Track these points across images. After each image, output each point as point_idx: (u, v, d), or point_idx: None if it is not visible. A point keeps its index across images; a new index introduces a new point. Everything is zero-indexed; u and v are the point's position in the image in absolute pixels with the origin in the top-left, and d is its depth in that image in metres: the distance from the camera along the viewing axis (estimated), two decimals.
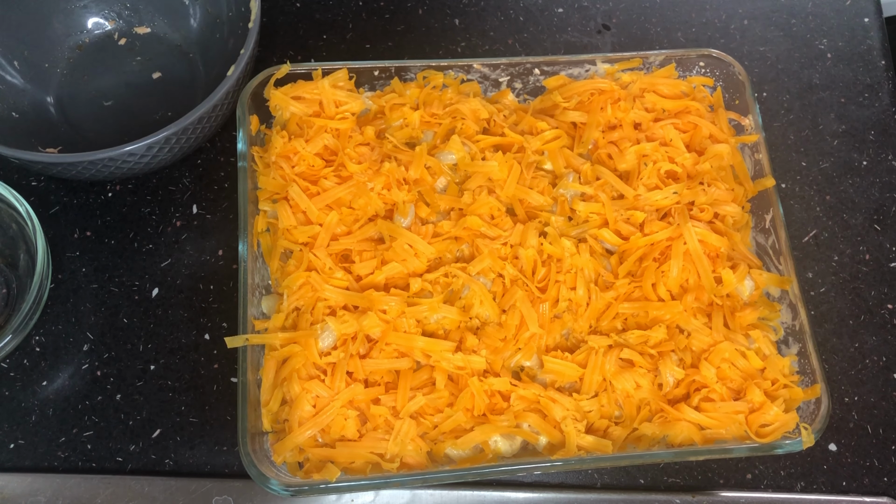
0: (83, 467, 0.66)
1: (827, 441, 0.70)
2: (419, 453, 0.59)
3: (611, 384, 0.62)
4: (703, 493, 0.67)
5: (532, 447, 0.61)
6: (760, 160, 0.71)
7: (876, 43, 0.88)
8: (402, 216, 0.67)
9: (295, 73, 0.70)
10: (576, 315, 0.64)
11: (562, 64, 0.74)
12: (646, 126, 0.72)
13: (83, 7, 0.81)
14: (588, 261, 0.65)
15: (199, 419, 0.68)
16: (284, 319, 0.63)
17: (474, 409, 0.60)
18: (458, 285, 0.64)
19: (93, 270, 0.73)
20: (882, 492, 0.69)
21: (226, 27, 0.78)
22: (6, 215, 0.69)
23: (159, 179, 0.77)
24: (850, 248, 0.78)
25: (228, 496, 0.65)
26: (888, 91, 0.86)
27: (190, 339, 0.71)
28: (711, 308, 0.65)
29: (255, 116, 0.69)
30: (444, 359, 0.61)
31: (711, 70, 0.74)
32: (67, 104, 0.79)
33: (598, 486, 0.67)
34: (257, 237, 0.65)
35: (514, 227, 0.67)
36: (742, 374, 0.63)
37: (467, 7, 0.89)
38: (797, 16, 0.90)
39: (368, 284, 0.64)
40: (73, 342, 0.70)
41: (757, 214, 0.70)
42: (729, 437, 0.61)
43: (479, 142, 0.70)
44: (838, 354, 0.73)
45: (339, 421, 0.59)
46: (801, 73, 0.87)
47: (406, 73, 0.73)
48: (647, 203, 0.68)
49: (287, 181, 0.66)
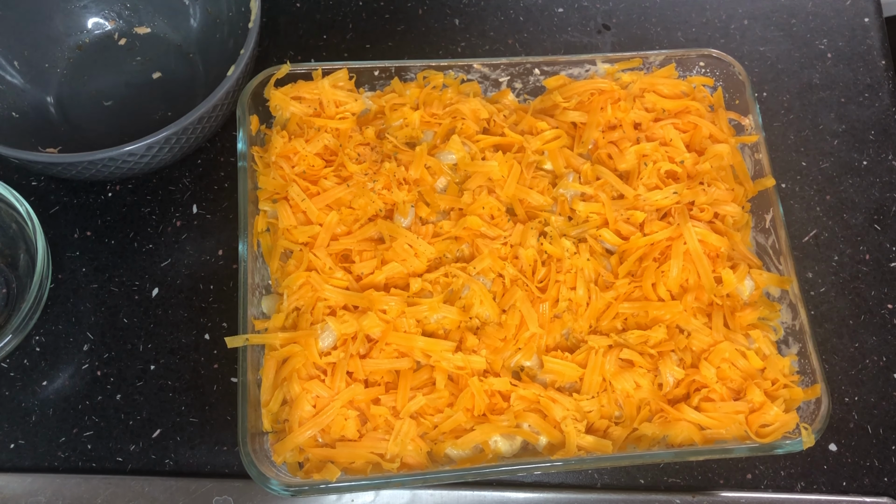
0: (83, 467, 0.66)
1: (827, 441, 0.70)
2: (419, 453, 0.59)
3: (611, 384, 0.62)
4: (703, 493, 0.67)
5: (532, 447, 0.61)
6: (760, 160, 0.71)
7: (876, 43, 0.88)
8: (402, 216, 0.67)
9: (295, 73, 0.70)
10: (576, 315, 0.64)
11: (562, 64, 0.74)
12: (646, 126, 0.72)
13: (83, 7, 0.81)
14: (588, 261, 0.65)
15: (199, 419, 0.68)
16: (284, 319, 0.63)
17: (474, 409, 0.61)
18: (458, 285, 0.64)
19: (93, 270, 0.73)
20: (882, 492, 0.69)
21: (226, 27, 0.78)
22: (6, 215, 0.69)
23: (159, 179, 0.77)
24: (850, 248, 0.78)
25: (228, 496, 0.65)
26: (888, 91, 0.86)
27: (190, 339, 0.71)
28: (711, 308, 0.65)
29: (255, 116, 0.69)
30: (444, 359, 0.61)
31: (711, 70, 0.74)
32: (67, 104, 0.79)
33: (598, 486, 0.67)
34: (257, 237, 0.65)
35: (514, 227, 0.67)
36: (742, 374, 0.63)
37: (467, 7, 0.89)
38: (797, 16, 0.90)
39: (368, 284, 0.64)
40: (73, 342, 0.70)
41: (757, 214, 0.70)
42: (729, 437, 0.61)
43: (479, 142, 0.70)
44: (838, 354, 0.73)
45: (339, 421, 0.59)
46: (801, 73, 0.87)
47: (406, 73, 0.73)
48: (647, 203, 0.68)
49: (287, 181, 0.66)
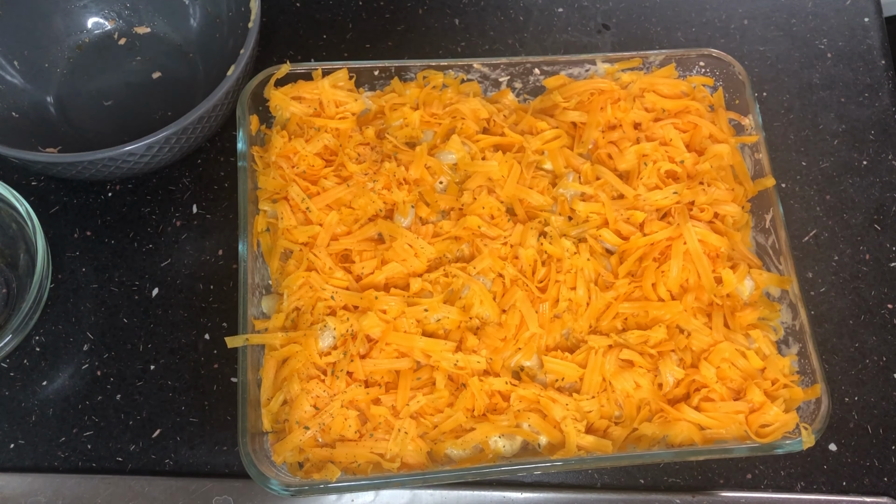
0: (83, 467, 0.66)
1: (827, 441, 0.70)
2: (419, 453, 0.59)
3: (611, 384, 0.62)
4: (703, 493, 0.67)
5: (532, 447, 0.61)
6: (760, 160, 0.71)
7: (876, 43, 0.88)
8: (402, 216, 0.67)
9: (295, 73, 0.70)
10: (576, 315, 0.64)
11: (562, 64, 0.74)
12: (646, 126, 0.72)
13: (83, 7, 0.81)
14: (588, 261, 0.65)
15: (199, 419, 0.68)
16: (284, 319, 0.63)
17: (474, 410, 0.61)
18: (458, 285, 0.64)
19: (93, 270, 0.73)
20: (882, 492, 0.68)
21: (226, 27, 0.78)
22: (6, 215, 0.69)
23: (159, 179, 0.77)
24: (850, 248, 0.78)
25: (228, 496, 0.65)
26: (888, 91, 0.86)
27: (190, 339, 0.71)
28: (711, 308, 0.65)
29: (255, 116, 0.69)
30: (444, 359, 0.61)
31: (711, 70, 0.74)
32: (67, 104, 0.79)
33: (598, 486, 0.67)
34: (257, 237, 0.65)
35: (514, 227, 0.67)
36: (742, 374, 0.63)
37: (467, 7, 0.89)
38: (797, 16, 0.90)
39: (368, 284, 0.64)
40: (73, 342, 0.70)
41: (757, 214, 0.70)
42: (729, 437, 0.61)
43: (479, 141, 0.70)
44: (838, 354, 0.73)
45: (339, 421, 0.59)
46: (801, 73, 0.87)
47: (406, 72, 0.73)
48: (647, 203, 0.68)
49: (287, 181, 0.66)
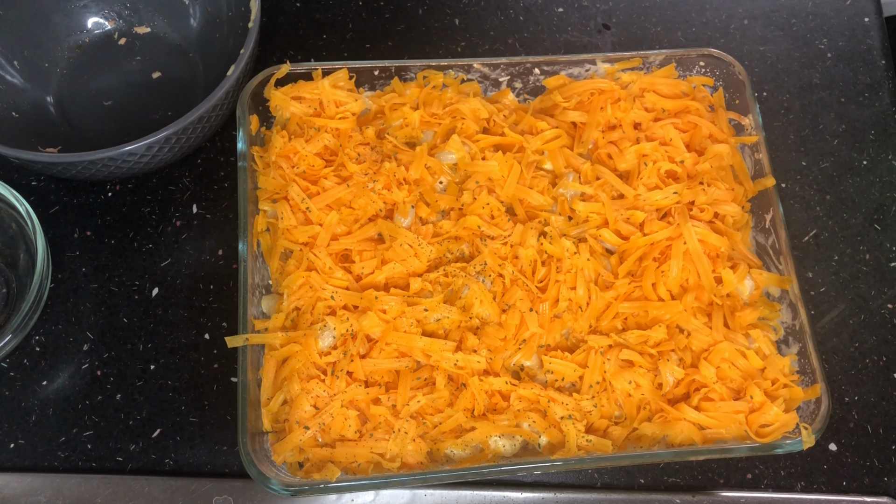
0: (83, 467, 0.66)
1: (827, 441, 0.70)
2: (419, 453, 0.59)
3: (611, 384, 0.62)
4: (703, 493, 0.67)
5: (532, 447, 0.61)
6: (760, 160, 0.71)
7: (876, 43, 0.88)
8: (402, 216, 0.67)
9: (295, 73, 0.70)
10: (576, 315, 0.64)
11: (562, 64, 0.74)
12: (646, 126, 0.72)
13: (83, 7, 0.81)
14: (588, 261, 0.65)
15: (199, 419, 0.68)
16: (284, 319, 0.63)
17: (474, 409, 0.61)
18: (458, 285, 0.64)
19: (93, 270, 0.73)
20: (882, 492, 0.68)
21: (226, 27, 0.78)
22: (6, 215, 0.69)
23: (159, 179, 0.77)
24: (850, 248, 0.78)
25: (228, 496, 0.65)
26: (888, 91, 0.86)
27: (190, 338, 0.71)
28: (711, 308, 0.65)
29: (255, 116, 0.69)
30: (444, 359, 0.61)
31: (711, 70, 0.74)
32: (67, 104, 0.79)
33: (598, 486, 0.67)
34: (257, 237, 0.65)
35: (514, 226, 0.67)
36: (742, 373, 0.63)
37: (467, 7, 0.89)
38: (797, 16, 0.90)
39: (368, 284, 0.64)
40: (73, 342, 0.70)
41: (757, 214, 0.70)
42: (729, 437, 0.61)
43: (479, 141, 0.70)
44: (838, 354, 0.73)
45: (339, 421, 0.59)
46: (801, 73, 0.87)
47: (406, 72, 0.73)
48: (647, 203, 0.68)
49: (287, 181, 0.66)
